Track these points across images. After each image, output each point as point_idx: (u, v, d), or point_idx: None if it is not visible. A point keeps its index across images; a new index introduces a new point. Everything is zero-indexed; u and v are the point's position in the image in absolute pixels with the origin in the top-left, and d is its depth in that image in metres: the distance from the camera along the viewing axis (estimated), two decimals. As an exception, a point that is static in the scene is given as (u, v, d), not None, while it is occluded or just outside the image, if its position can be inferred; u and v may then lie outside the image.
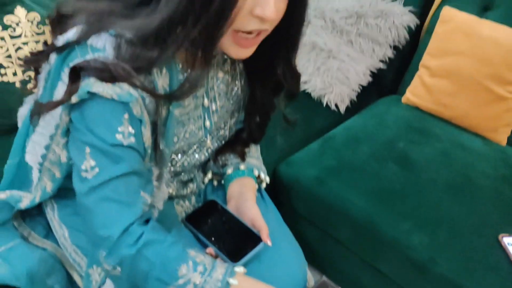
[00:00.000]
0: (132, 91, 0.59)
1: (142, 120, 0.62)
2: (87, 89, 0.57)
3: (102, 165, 0.61)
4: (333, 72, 1.50)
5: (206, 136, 0.81)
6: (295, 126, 0.90)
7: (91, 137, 0.60)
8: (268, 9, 0.58)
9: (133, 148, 0.63)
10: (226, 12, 0.56)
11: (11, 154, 0.79)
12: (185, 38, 0.58)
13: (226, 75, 0.80)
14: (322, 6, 1.58)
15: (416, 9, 1.53)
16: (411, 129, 1.35)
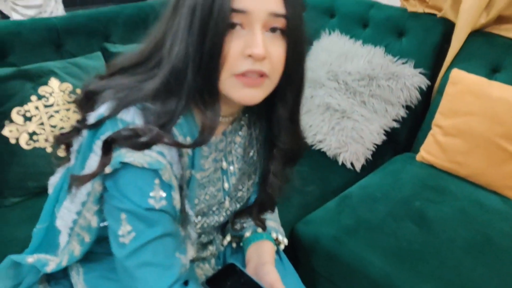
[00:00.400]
0: (160, 159, 0.63)
1: (171, 185, 0.65)
2: (120, 160, 0.62)
3: (138, 229, 0.64)
4: (347, 131, 1.54)
5: (225, 197, 0.84)
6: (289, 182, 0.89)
7: (126, 203, 0.64)
8: (256, 47, 0.62)
9: (165, 211, 0.66)
10: (216, 54, 0.62)
11: (41, 219, 0.83)
12: (190, 85, 0.64)
13: (243, 140, 0.84)
14: (335, 69, 1.65)
15: (426, 71, 1.59)
16: (427, 187, 1.36)
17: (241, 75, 0.64)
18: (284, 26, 0.64)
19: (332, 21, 1.85)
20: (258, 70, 0.64)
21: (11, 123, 1.21)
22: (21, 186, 1.24)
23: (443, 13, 1.58)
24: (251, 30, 0.63)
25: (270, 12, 0.63)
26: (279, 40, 0.65)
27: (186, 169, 0.70)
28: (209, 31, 0.61)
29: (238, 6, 0.61)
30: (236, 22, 0.62)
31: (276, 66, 0.66)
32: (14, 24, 1.32)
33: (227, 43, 0.62)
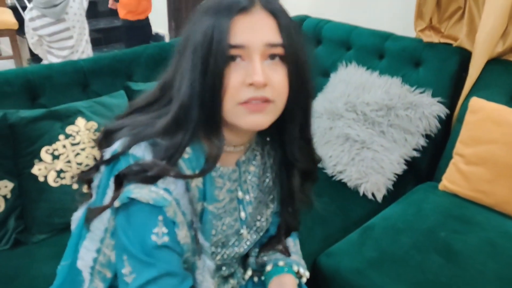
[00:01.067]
0: (166, 195, 0.66)
1: (175, 222, 0.67)
2: (127, 195, 0.65)
3: (138, 270, 0.66)
4: (367, 162, 1.54)
5: (242, 227, 0.84)
6: (312, 211, 0.90)
7: (128, 244, 0.66)
8: (256, 74, 0.65)
9: (168, 247, 0.67)
10: (218, 87, 0.66)
11: (65, 256, 0.85)
12: (195, 118, 0.67)
13: (257, 169, 0.85)
14: (353, 100, 1.67)
15: (445, 100, 1.59)
16: (452, 217, 1.33)
17: (245, 103, 0.67)
18: (282, 53, 0.68)
19: (348, 53, 1.88)
20: (260, 96, 0.66)
21: (40, 162, 1.26)
22: (48, 222, 1.27)
23: (459, 43, 1.59)
24: (250, 61, 0.66)
25: (267, 43, 0.66)
26: (279, 66, 0.68)
27: (198, 202, 0.72)
28: (210, 66, 0.65)
29: (235, 42, 0.65)
30: (236, 55, 0.66)
31: (279, 91, 0.68)
32: (45, 68, 1.39)
33: (228, 75, 0.66)
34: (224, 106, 0.67)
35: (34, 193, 1.26)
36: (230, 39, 0.65)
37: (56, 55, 2.47)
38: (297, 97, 0.71)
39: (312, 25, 2.02)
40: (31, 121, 1.26)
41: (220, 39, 0.65)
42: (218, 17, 0.66)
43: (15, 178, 1.25)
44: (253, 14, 0.67)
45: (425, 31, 1.68)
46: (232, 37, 0.65)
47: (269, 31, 0.67)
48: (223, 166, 0.78)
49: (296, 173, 0.83)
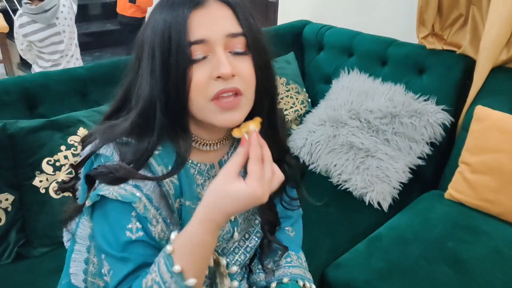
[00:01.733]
0: (135, 191, 0.67)
1: (147, 217, 0.67)
2: (97, 193, 0.66)
3: (115, 267, 0.67)
4: (372, 170, 1.53)
5: (233, 228, 0.82)
6: None
7: (104, 243, 0.67)
8: (223, 66, 0.64)
9: (143, 241, 0.67)
10: (182, 89, 0.65)
11: (63, 274, 0.83)
12: (160, 122, 0.67)
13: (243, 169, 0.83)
14: (356, 108, 1.66)
15: (449, 108, 1.58)
16: (459, 227, 1.32)
17: (217, 99, 0.65)
18: (245, 44, 0.67)
19: (351, 59, 1.88)
20: (231, 87, 0.65)
21: (42, 173, 1.23)
22: (50, 235, 1.24)
23: (462, 50, 1.59)
24: (214, 54, 0.65)
25: (227, 34, 0.66)
26: (244, 57, 0.68)
27: (175, 199, 0.71)
28: (171, 68, 0.64)
29: (195, 38, 0.64)
30: (198, 55, 0.65)
31: (247, 80, 0.68)
32: (42, 77, 1.36)
33: (194, 74, 0.64)
34: (195, 104, 0.66)
35: (35, 205, 1.23)
36: (189, 36, 0.64)
37: (46, 59, 2.46)
38: (264, 86, 0.71)
39: (314, 30, 2.01)
40: (31, 132, 1.23)
41: (178, 38, 0.63)
42: (173, 15, 0.64)
43: (15, 190, 1.21)
44: (209, 7, 0.66)
45: (428, 38, 1.67)
46: (191, 33, 0.64)
47: (227, 22, 0.66)
48: (201, 163, 0.77)
49: None
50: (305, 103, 1.92)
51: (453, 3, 1.57)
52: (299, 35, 2.04)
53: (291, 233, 0.95)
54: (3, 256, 1.19)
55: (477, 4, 1.53)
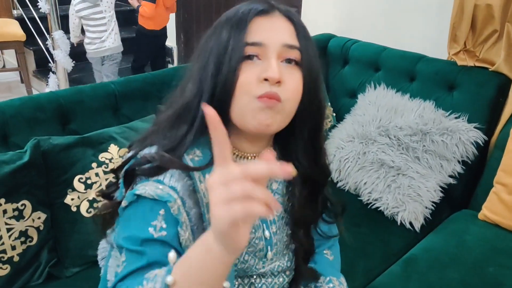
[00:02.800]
0: (172, 192, 0.66)
1: (178, 220, 0.66)
2: (133, 192, 0.66)
3: (129, 260, 0.65)
4: (404, 189, 1.50)
5: (267, 247, 0.80)
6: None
7: (124, 238, 0.66)
8: (271, 70, 0.65)
9: (164, 242, 0.65)
10: (230, 84, 0.66)
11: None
12: (202, 117, 0.66)
13: (280, 186, 0.82)
14: (385, 124, 1.63)
15: (482, 126, 1.56)
16: (498, 250, 1.29)
17: (261, 96, 0.66)
18: (299, 58, 0.69)
19: (377, 74, 1.85)
20: (274, 93, 0.66)
21: (73, 191, 1.21)
22: (82, 255, 1.22)
23: (496, 67, 1.56)
24: (267, 59, 0.67)
25: (284, 44, 0.67)
26: (295, 70, 0.69)
27: (208, 208, 0.68)
28: (224, 65, 0.66)
29: (253, 40, 0.66)
30: (252, 53, 0.66)
31: (292, 94, 0.68)
32: (76, 92, 1.34)
33: (243, 72, 0.66)
34: (239, 102, 0.67)
35: (67, 224, 1.21)
36: (248, 37, 0.66)
37: (91, 31, 3.03)
38: (309, 104, 0.71)
39: (339, 44, 1.99)
40: (63, 149, 1.21)
41: (237, 37, 0.66)
42: (237, 18, 0.68)
43: (47, 208, 1.19)
44: (273, 17, 0.69)
45: (459, 54, 1.65)
46: (250, 35, 0.66)
47: (287, 33, 0.68)
48: None
49: (298, 179, 0.78)
50: (330, 117, 1.90)
51: (488, 19, 1.54)
52: (323, 49, 2.02)
53: (330, 256, 0.92)
54: (34, 276, 1.17)
55: None
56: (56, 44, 3.12)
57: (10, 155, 1.13)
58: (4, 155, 1.12)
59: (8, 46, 3.49)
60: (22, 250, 1.13)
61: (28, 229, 1.15)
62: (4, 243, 1.10)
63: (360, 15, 2.13)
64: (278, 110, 0.68)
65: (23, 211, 1.13)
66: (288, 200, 0.82)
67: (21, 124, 1.22)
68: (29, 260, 1.15)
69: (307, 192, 0.80)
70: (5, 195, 1.10)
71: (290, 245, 0.84)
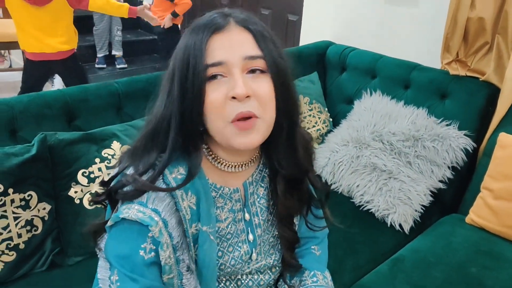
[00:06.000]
0: (153, 215, 0.69)
1: (160, 242, 0.70)
2: (118, 215, 0.69)
3: (122, 282, 0.68)
4: (395, 192, 1.55)
5: (251, 249, 0.83)
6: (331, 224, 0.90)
7: (115, 261, 0.69)
8: (237, 87, 0.65)
9: (153, 264, 0.70)
10: (197, 107, 0.67)
11: (94, 282, 0.84)
12: (174, 141, 0.70)
13: (266, 190, 0.85)
14: (379, 130, 1.69)
15: (471, 133, 1.61)
16: (481, 252, 1.34)
17: (235, 121, 0.67)
18: (263, 65, 0.68)
19: (373, 81, 1.91)
20: (246, 112, 0.66)
21: (77, 185, 1.27)
22: (84, 245, 1.27)
23: (486, 77, 1.62)
24: (231, 76, 0.67)
25: (245, 57, 0.67)
26: (262, 77, 0.69)
27: (191, 224, 0.73)
28: (188, 89, 0.66)
29: (213, 61, 0.66)
30: (216, 73, 0.67)
31: (264, 101, 0.68)
32: (82, 91, 1.41)
33: (209, 94, 0.67)
34: (215, 126, 0.68)
35: (70, 215, 1.27)
36: (207, 59, 0.66)
37: None
38: (283, 106, 0.71)
39: (337, 52, 2.05)
40: (69, 144, 1.27)
41: (195, 61, 0.66)
42: (194, 39, 0.67)
43: (52, 200, 1.25)
44: (229, 31, 0.68)
45: (452, 64, 1.71)
46: (209, 56, 0.66)
47: (246, 45, 0.68)
48: (224, 187, 0.78)
49: (280, 180, 0.82)
50: (326, 122, 1.96)
51: (479, 31, 1.60)
52: (322, 56, 2.08)
53: (317, 252, 0.96)
54: (38, 263, 1.23)
55: (502, 33, 1.56)
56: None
57: (19, 148, 1.19)
58: (13, 148, 1.19)
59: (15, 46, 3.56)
60: (27, 238, 1.20)
61: (33, 218, 1.21)
62: (11, 231, 1.16)
63: (358, 23, 2.19)
64: (258, 126, 0.68)
65: (29, 201, 1.20)
66: (271, 199, 0.85)
67: (29, 119, 1.29)
68: (34, 248, 1.21)
69: (289, 187, 0.82)
70: (13, 185, 1.16)
71: (276, 245, 0.88)
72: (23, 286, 1.18)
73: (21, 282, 1.19)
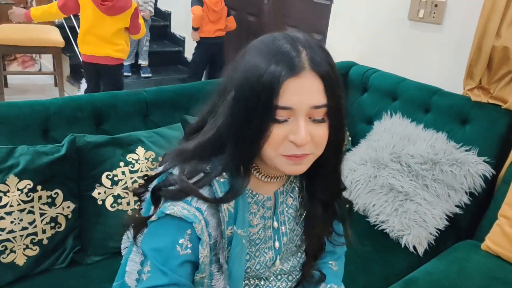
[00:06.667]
0: (197, 214, 0.72)
1: (201, 239, 0.72)
2: (163, 210, 0.73)
3: (154, 273, 0.71)
4: (410, 214, 1.56)
5: (276, 256, 0.86)
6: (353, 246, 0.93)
7: (150, 252, 0.72)
8: (299, 135, 0.68)
9: (186, 261, 0.72)
10: (258, 141, 0.70)
11: (117, 277, 0.90)
12: (229, 158, 0.73)
13: (295, 201, 0.88)
14: (398, 151, 1.70)
15: (491, 160, 1.61)
16: (496, 280, 1.33)
17: (288, 156, 0.71)
18: (325, 112, 0.70)
19: (394, 103, 1.93)
20: (301, 154, 0.70)
21: (101, 186, 1.32)
22: (103, 245, 1.32)
23: (508, 105, 1.63)
24: (295, 120, 0.69)
25: (313, 106, 0.69)
26: (322, 124, 0.71)
27: (227, 226, 0.76)
28: (254, 120, 0.68)
29: (283, 104, 0.67)
30: (282, 118, 0.68)
31: (319, 145, 0.72)
32: (112, 97, 1.47)
33: (272, 133, 0.69)
34: (265, 153, 0.71)
35: (93, 215, 1.31)
36: (279, 101, 0.67)
37: None
38: (334, 145, 0.75)
39: (360, 72, 2.08)
40: (95, 146, 1.33)
41: (267, 99, 0.67)
42: (269, 75, 0.67)
43: (76, 199, 1.30)
44: (303, 77, 0.68)
45: (474, 90, 1.72)
46: (281, 98, 0.67)
47: (316, 95, 0.69)
48: (259, 194, 0.82)
49: (319, 205, 0.86)
50: (346, 141, 1.98)
51: (504, 60, 1.61)
52: (345, 76, 2.12)
53: (334, 267, 0.98)
54: (59, 260, 1.27)
55: (525, 63, 1.57)
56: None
57: (50, 148, 1.25)
58: (44, 147, 1.24)
59: (47, 51, 3.70)
60: (51, 235, 1.24)
61: (58, 216, 1.26)
62: (36, 226, 1.21)
63: (382, 45, 2.22)
64: (309, 160, 0.73)
65: (55, 199, 1.25)
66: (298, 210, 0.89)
67: (61, 121, 1.35)
68: (56, 245, 1.26)
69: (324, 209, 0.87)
70: (42, 182, 1.21)
71: (297, 254, 0.91)
72: (44, 280, 1.22)
73: (42, 277, 1.23)
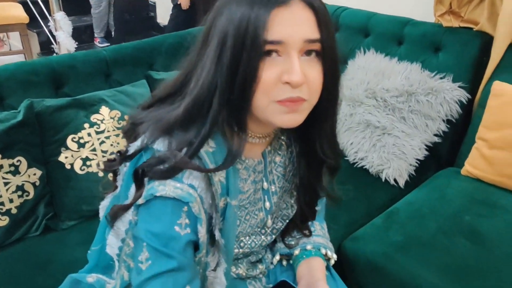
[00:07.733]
0: (191, 191, 0.65)
1: (199, 218, 0.67)
2: (152, 192, 0.64)
3: (155, 258, 0.65)
4: (389, 148, 1.54)
5: (267, 216, 0.84)
6: (340, 202, 0.89)
7: (149, 237, 0.65)
8: (295, 74, 0.62)
9: (188, 241, 0.67)
10: (249, 84, 0.62)
11: (95, 242, 0.86)
12: (215, 115, 0.65)
13: (283, 158, 0.84)
14: (373, 87, 1.66)
15: (466, 85, 1.58)
16: (476, 201, 1.33)
17: (283, 101, 0.64)
18: (320, 49, 0.64)
19: (366, 40, 1.88)
20: (296, 97, 0.64)
21: (67, 150, 1.28)
22: (76, 209, 1.29)
23: (479, 27, 1.58)
24: (287, 57, 0.63)
25: (306, 39, 0.62)
26: (315, 62, 0.65)
27: (220, 198, 0.70)
28: (242, 62, 0.61)
29: (272, 38, 0.61)
30: (272, 49, 0.62)
31: (314, 88, 0.66)
32: (69, 58, 1.40)
33: (262, 71, 0.62)
34: (257, 102, 0.65)
35: (62, 180, 1.28)
36: (268, 34, 0.61)
37: None
38: (330, 94, 0.69)
39: (329, 12, 2.00)
40: (56, 110, 1.27)
41: (256, 33, 0.60)
42: (254, 8, 0.61)
43: (42, 165, 1.26)
44: (292, 7, 0.62)
45: (445, 15, 1.66)
46: (270, 32, 0.61)
47: (308, 26, 0.63)
48: (249, 158, 0.77)
49: (325, 171, 0.81)
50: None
51: (471, -20, 1.56)
52: (314, 17, 2.04)
53: (317, 207, 0.96)
54: (31, 228, 1.24)
55: (495, -20, 1.52)
56: (58, 26, 3.17)
57: (5, 115, 1.20)
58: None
59: (12, 28, 3.55)
60: (19, 203, 1.21)
61: (24, 184, 1.22)
62: (2, 196, 1.17)
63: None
64: (304, 108, 0.67)
65: (18, 166, 1.20)
66: (287, 166, 0.85)
67: (16, 86, 1.29)
68: (26, 213, 1.23)
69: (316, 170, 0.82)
70: (1, 151, 1.17)
71: (285, 210, 0.88)
72: (18, 249, 1.20)
73: (17, 246, 1.21)
